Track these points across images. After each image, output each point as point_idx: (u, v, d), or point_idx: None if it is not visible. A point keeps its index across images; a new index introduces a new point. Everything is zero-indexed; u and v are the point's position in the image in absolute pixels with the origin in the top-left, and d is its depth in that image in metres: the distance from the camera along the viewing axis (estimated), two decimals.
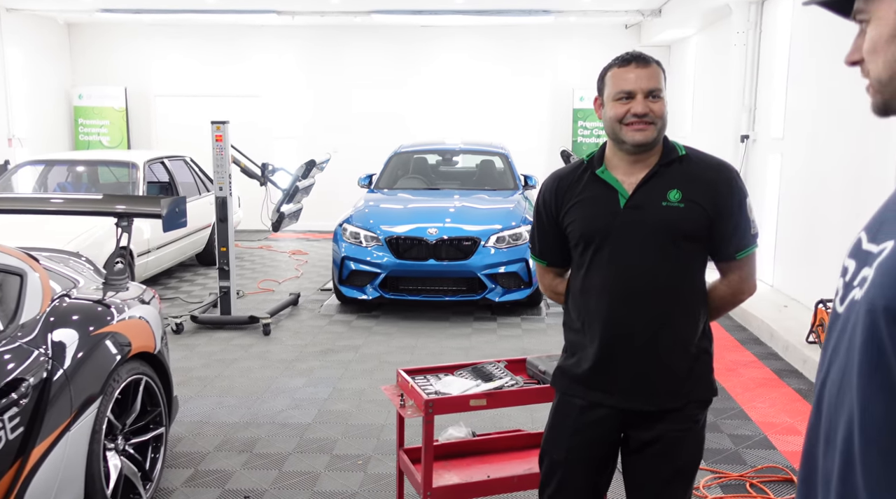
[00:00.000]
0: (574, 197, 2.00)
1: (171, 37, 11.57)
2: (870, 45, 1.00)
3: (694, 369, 1.95)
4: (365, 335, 5.90)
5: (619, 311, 1.92)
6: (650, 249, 1.90)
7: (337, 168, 10.40)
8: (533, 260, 2.19)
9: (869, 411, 0.97)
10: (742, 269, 1.99)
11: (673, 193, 1.91)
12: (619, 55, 1.96)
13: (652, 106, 1.89)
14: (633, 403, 1.94)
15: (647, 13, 10.20)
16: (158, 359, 3.24)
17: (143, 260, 6.88)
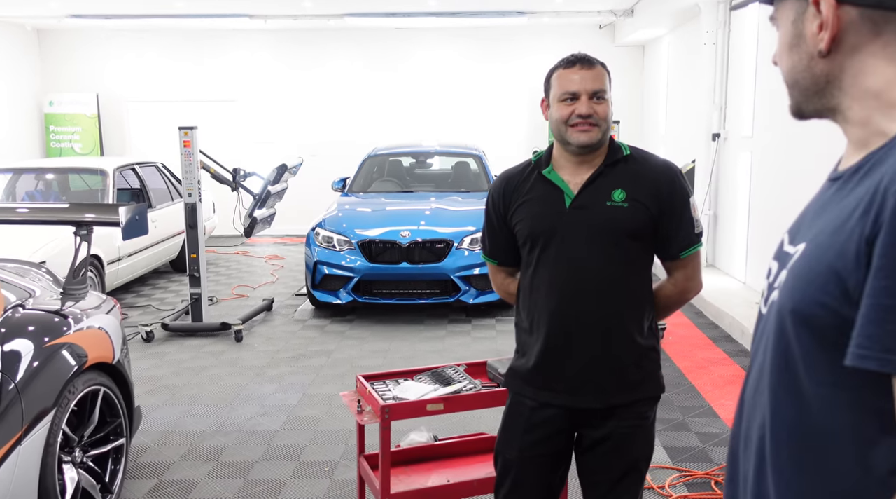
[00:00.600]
0: (521, 197, 2.02)
1: (142, 42, 11.47)
2: (777, 51, 1.02)
3: (641, 367, 1.98)
4: (338, 340, 5.87)
5: (564, 309, 1.94)
6: (595, 248, 1.93)
7: (314, 171, 10.37)
8: (485, 260, 2.21)
9: (779, 414, 0.97)
10: (687, 267, 2.02)
11: (617, 192, 1.93)
12: (564, 57, 1.98)
13: (596, 107, 1.92)
14: (580, 401, 1.96)
15: (619, 13, 10.25)
16: (118, 369, 3.20)
17: (114, 268, 6.81)
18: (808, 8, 0.95)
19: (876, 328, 0.80)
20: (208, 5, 9.81)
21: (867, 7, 0.92)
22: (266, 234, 10.64)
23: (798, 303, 0.91)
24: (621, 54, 11.46)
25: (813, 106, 1.01)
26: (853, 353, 0.82)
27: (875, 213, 0.83)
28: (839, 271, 0.86)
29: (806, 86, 0.99)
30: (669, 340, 5.68)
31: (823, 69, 0.96)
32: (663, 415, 4.19)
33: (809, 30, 0.95)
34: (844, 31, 0.93)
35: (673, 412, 4.24)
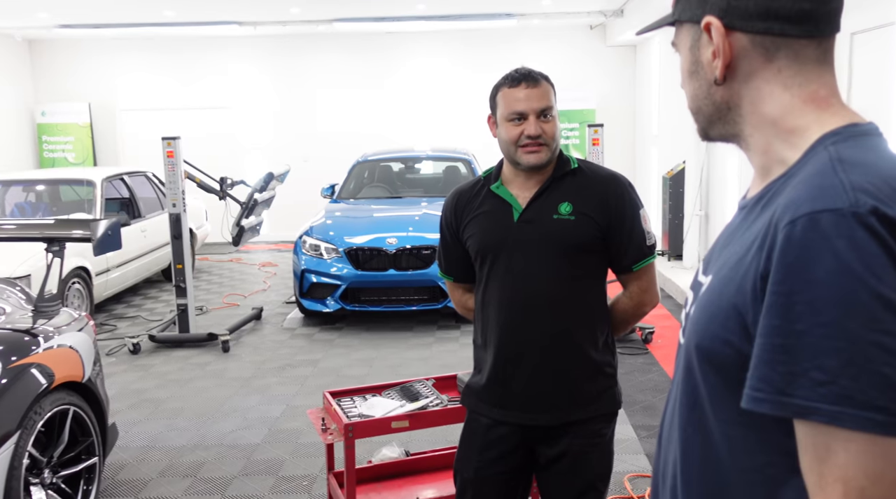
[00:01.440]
0: (472, 212, 2.01)
1: (133, 51, 11.47)
2: (681, 79, 1.00)
3: (595, 383, 1.95)
4: (325, 349, 5.84)
5: (514, 324, 1.92)
6: (543, 262, 1.91)
7: (307, 177, 10.36)
8: (442, 277, 2.19)
9: (688, 452, 0.94)
10: (641, 280, 2.00)
11: (564, 205, 1.92)
12: (508, 73, 1.96)
13: (544, 126, 1.90)
14: (533, 418, 1.94)
15: (609, 14, 10.21)
16: (89, 387, 3.17)
17: (103, 279, 6.79)
18: (702, 35, 0.93)
19: (767, 369, 0.77)
20: (197, 13, 9.80)
21: (756, 34, 0.90)
22: (260, 240, 10.64)
23: (702, 339, 0.88)
24: (613, 55, 11.43)
25: (717, 131, 0.99)
26: (748, 395, 0.79)
27: (768, 247, 0.80)
28: (739, 307, 0.83)
29: (709, 113, 0.97)
30: (658, 343, 5.65)
31: (723, 96, 0.94)
32: (647, 422, 4.16)
33: (705, 57, 0.94)
34: (737, 58, 0.91)
35: (657, 419, 4.20)
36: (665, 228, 8.33)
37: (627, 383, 4.80)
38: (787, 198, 0.81)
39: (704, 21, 0.91)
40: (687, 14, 0.95)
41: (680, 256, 8.00)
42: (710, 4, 0.91)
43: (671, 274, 7.46)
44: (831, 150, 0.84)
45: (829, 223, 0.74)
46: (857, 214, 0.74)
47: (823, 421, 0.74)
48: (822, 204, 0.76)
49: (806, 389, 0.74)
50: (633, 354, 5.38)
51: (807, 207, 0.77)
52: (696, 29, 0.94)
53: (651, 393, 4.62)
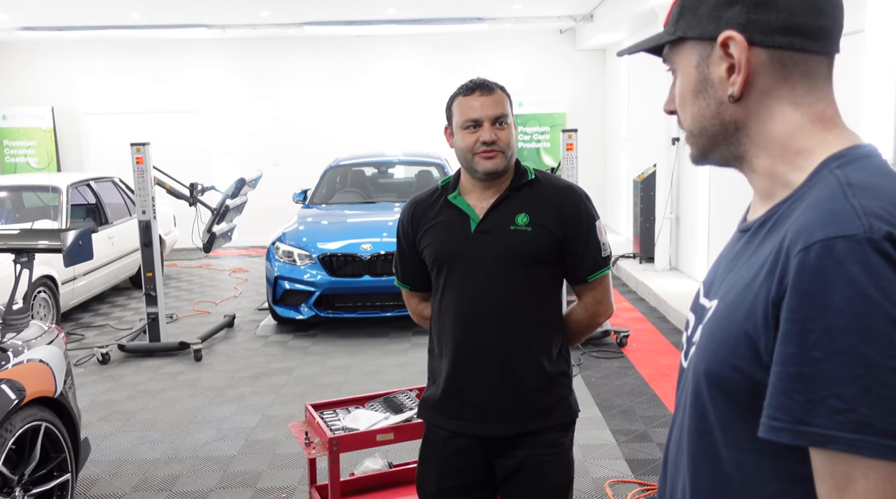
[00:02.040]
0: (429, 222, 2.01)
1: (98, 54, 11.25)
2: (679, 99, 0.97)
3: (550, 393, 1.95)
4: (300, 356, 5.78)
5: (469, 335, 1.92)
6: (500, 273, 1.91)
7: (278, 181, 10.27)
8: (398, 285, 2.17)
9: (699, 480, 0.93)
10: (596, 291, 2.01)
11: (521, 216, 1.93)
12: (463, 83, 1.97)
13: (499, 134, 1.91)
14: (489, 429, 1.94)
15: (578, 18, 10.29)
16: (61, 402, 3.09)
17: (70, 287, 6.64)
18: (712, 51, 0.91)
19: (785, 398, 0.76)
20: (165, 16, 9.65)
21: (777, 49, 0.88)
22: (230, 246, 10.49)
23: (711, 365, 0.87)
24: (583, 59, 11.52)
25: (720, 154, 0.96)
26: (765, 424, 0.78)
27: (780, 273, 0.79)
28: (749, 333, 0.82)
29: (714, 132, 0.94)
30: (633, 346, 5.69)
31: (733, 115, 0.92)
32: (626, 426, 4.19)
33: (716, 74, 0.91)
34: (755, 74, 0.89)
35: (635, 423, 4.23)
36: (636, 231, 8.41)
37: (604, 388, 4.82)
38: (799, 223, 0.80)
39: (724, 35, 0.88)
40: (696, 30, 0.92)
41: (651, 258, 8.08)
42: (725, 20, 0.89)
43: (643, 277, 7.53)
44: (839, 173, 0.83)
45: (844, 249, 0.74)
46: (871, 239, 0.74)
47: (842, 449, 0.73)
48: (835, 230, 0.75)
49: (824, 417, 0.73)
50: (609, 358, 5.42)
51: (820, 233, 0.76)
52: (704, 46, 0.91)
53: (628, 397, 4.64)
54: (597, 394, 4.71)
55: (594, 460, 3.77)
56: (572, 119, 11.08)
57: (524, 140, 11.44)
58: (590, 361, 5.35)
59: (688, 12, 0.92)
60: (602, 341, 5.76)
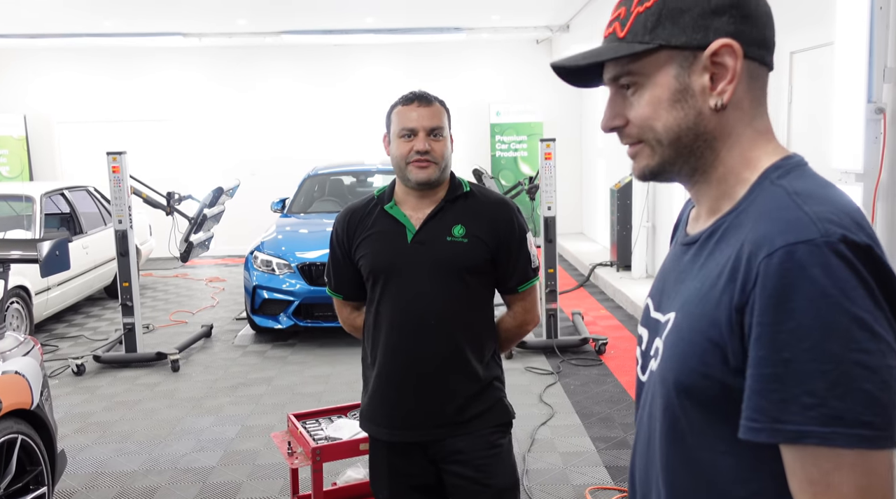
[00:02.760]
0: (364, 231, 2.03)
1: (72, 61, 11.13)
2: (645, 110, 0.94)
3: (483, 399, 1.99)
4: (279, 366, 5.74)
5: (404, 345, 1.96)
6: (436, 283, 1.95)
7: (255, 191, 10.21)
8: (330, 294, 2.18)
9: (676, 487, 0.95)
10: (525, 300, 2.08)
11: (457, 228, 1.97)
12: (403, 94, 2.02)
13: (433, 144, 1.96)
14: (424, 434, 1.97)
15: (555, 29, 10.39)
16: (37, 414, 3.05)
17: (43, 298, 6.54)
18: (695, 61, 0.90)
19: (761, 399, 0.80)
20: (139, 24, 9.58)
21: (755, 61, 0.91)
22: (206, 255, 10.40)
23: (680, 374, 0.89)
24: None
25: (678, 166, 0.95)
26: (744, 426, 0.82)
27: (742, 281, 0.82)
28: (715, 340, 0.85)
29: (687, 143, 0.92)
30: (611, 354, 5.74)
31: (708, 126, 0.91)
32: (605, 433, 4.22)
33: (699, 83, 0.90)
34: (739, 83, 0.91)
35: (615, 430, 4.27)
36: (613, 240, 8.49)
37: (583, 395, 4.86)
38: (757, 233, 0.83)
39: (720, 43, 0.88)
40: (681, 39, 0.90)
41: (628, 266, 8.16)
42: (714, 29, 0.89)
43: (620, 285, 7.60)
44: (783, 184, 0.87)
45: (805, 254, 0.78)
46: (828, 243, 0.78)
47: (816, 443, 0.77)
48: (795, 236, 0.79)
49: (797, 414, 0.77)
50: (588, 366, 5.46)
51: (781, 240, 0.80)
52: (685, 55, 0.90)
53: (607, 404, 4.68)
54: (576, 401, 4.74)
55: (574, 468, 3.79)
56: (549, 128, 11.17)
57: (501, 149, 11.51)
58: (569, 369, 5.38)
59: (667, 21, 0.90)
60: (581, 349, 5.80)
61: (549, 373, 5.29)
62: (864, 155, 3.53)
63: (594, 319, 6.86)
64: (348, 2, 8.42)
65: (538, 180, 6.07)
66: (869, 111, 3.56)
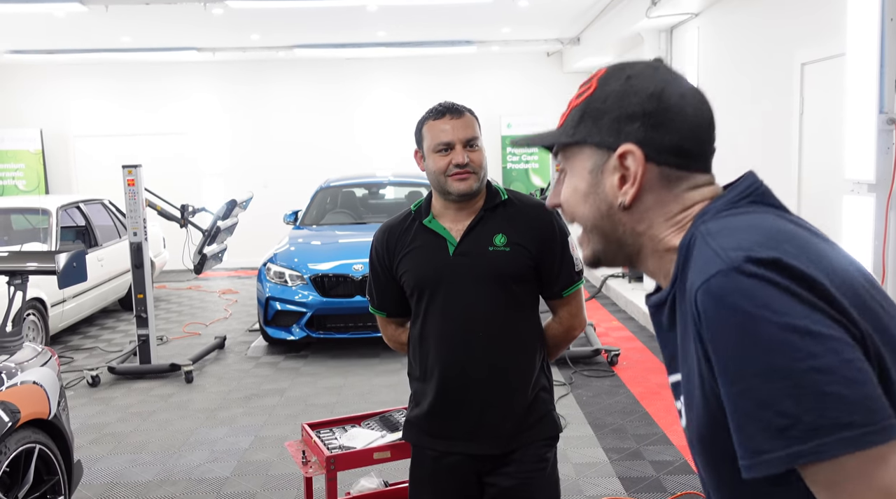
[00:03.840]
0: (405, 247, 2.02)
1: (88, 76, 11.28)
2: (569, 197, 1.01)
3: (534, 410, 1.99)
4: (292, 377, 5.77)
5: (454, 357, 1.95)
6: (482, 294, 1.94)
7: (268, 203, 10.28)
8: (373, 312, 2.18)
9: None
10: (570, 305, 2.07)
11: (499, 237, 1.96)
12: (432, 107, 2.01)
13: (471, 155, 1.95)
14: (477, 447, 1.96)
15: (566, 41, 10.44)
16: (55, 424, 3.08)
17: (59, 310, 6.61)
18: (608, 160, 0.96)
19: (740, 435, 0.79)
20: (155, 39, 9.71)
21: (667, 166, 0.95)
22: (219, 267, 10.45)
23: (701, 428, 0.91)
24: (570, 81, 11.66)
25: (612, 253, 1.01)
26: (742, 466, 0.80)
27: (696, 331, 0.84)
28: (707, 395, 0.86)
29: (607, 232, 0.99)
30: (623, 365, 5.72)
31: (622, 219, 0.97)
32: (618, 444, 4.21)
33: (609, 182, 0.96)
34: (645, 186, 0.95)
35: (627, 441, 4.26)
36: None
37: (595, 407, 4.85)
38: (685, 285, 0.87)
39: (623, 148, 0.94)
40: (595, 138, 0.96)
41: (640, 278, 8.14)
42: (625, 133, 0.94)
43: (632, 296, 7.59)
44: (702, 229, 0.90)
45: (717, 285, 0.80)
46: (734, 267, 0.80)
47: (810, 460, 0.75)
48: (706, 274, 0.82)
49: (777, 439, 0.76)
50: (600, 377, 5.45)
51: (698, 280, 0.83)
52: (601, 154, 0.96)
53: (619, 415, 4.67)
54: (588, 412, 4.73)
55: (587, 479, 3.79)
56: None
57: (513, 161, 11.54)
58: (581, 380, 5.37)
59: (588, 119, 0.97)
60: (593, 360, 5.79)
61: (561, 384, 5.29)
62: (876, 165, 3.53)
63: (606, 330, 6.85)
64: (360, 16, 8.50)
65: (549, 191, 6.09)
66: (880, 122, 3.56)
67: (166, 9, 7.85)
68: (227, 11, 8.03)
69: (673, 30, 7.60)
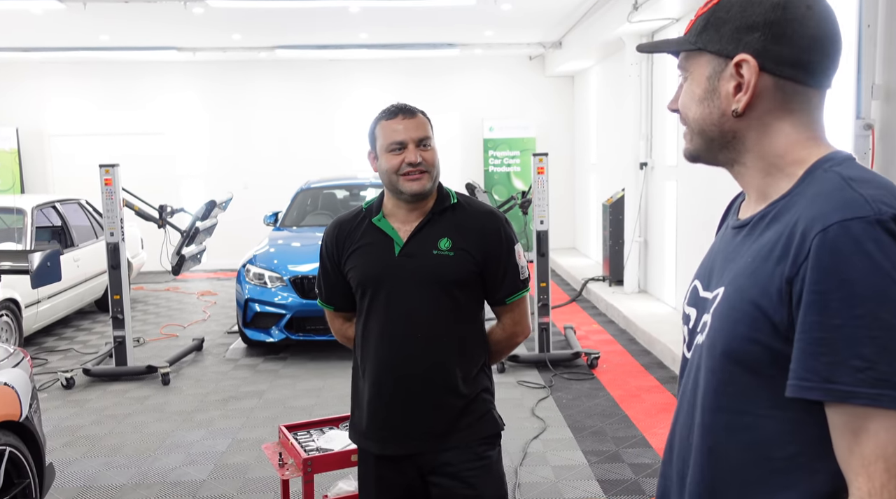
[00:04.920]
0: (353, 244, 2.03)
1: (66, 75, 11.14)
2: (684, 100, 1.06)
3: (472, 411, 1.98)
4: (270, 379, 5.72)
5: (392, 358, 1.95)
6: (424, 296, 1.95)
7: (247, 204, 10.20)
8: (321, 305, 2.18)
9: (717, 449, 0.99)
10: (514, 312, 2.06)
11: (444, 241, 1.97)
12: (385, 108, 2.01)
13: (423, 154, 1.96)
14: (415, 447, 1.96)
15: (548, 45, 10.48)
16: (26, 426, 3.02)
17: (33, 311, 6.51)
18: (726, 68, 1.00)
19: (812, 360, 0.86)
20: (134, 38, 9.61)
21: (783, 78, 0.98)
22: (198, 269, 10.36)
23: (730, 342, 0.96)
24: (551, 85, 11.72)
25: (713, 155, 1.06)
26: (794, 384, 0.87)
27: (794, 255, 0.89)
28: (764, 309, 0.91)
29: (712, 137, 1.04)
30: (603, 368, 5.74)
31: (732, 127, 1.01)
32: (597, 447, 4.21)
33: (724, 89, 1.00)
34: (759, 96, 0.99)
35: (606, 444, 4.26)
36: (606, 255, 8.52)
37: (575, 409, 4.85)
38: (812, 211, 0.90)
39: (739, 57, 0.98)
40: (715, 46, 1.00)
41: (621, 281, 8.18)
42: (744, 43, 0.98)
43: (613, 300, 7.61)
44: (838, 170, 0.94)
45: (859, 229, 0.85)
46: (881, 220, 0.85)
47: (864, 403, 0.83)
48: (850, 213, 0.86)
49: (847, 376, 0.84)
50: (580, 380, 5.45)
51: (837, 216, 0.87)
52: (719, 61, 1.00)
53: (599, 418, 4.68)
54: (568, 415, 4.73)
55: (566, 481, 3.78)
56: (542, 144, 11.23)
57: (494, 164, 11.56)
58: (561, 383, 5.38)
59: (711, 28, 1.01)
60: (573, 363, 5.80)
61: (541, 387, 5.29)
62: None
63: (586, 333, 6.87)
64: (342, 17, 8.47)
65: (531, 195, 6.10)
66: (858, 127, 3.60)
67: (146, 7, 7.77)
68: (207, 10, 7.97)
69: (654, 35, 7.64)
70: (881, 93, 3.68)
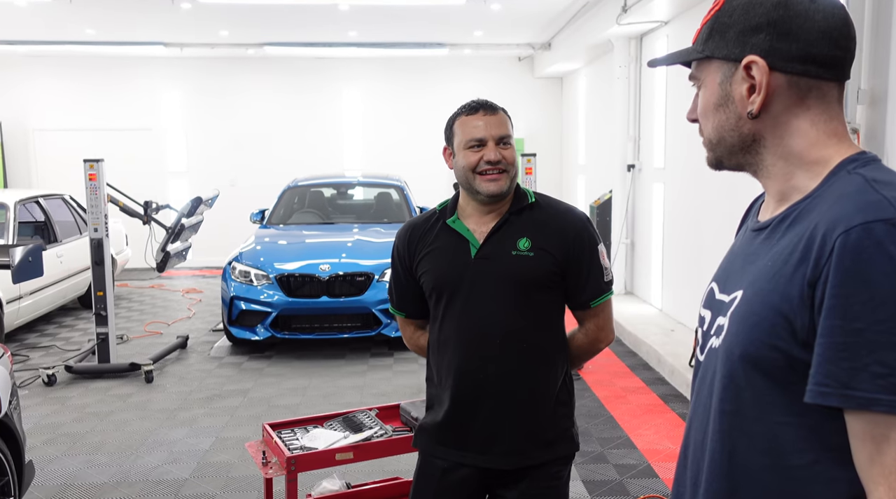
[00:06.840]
0: (426, 247, 1.94)
1: (51, 69, 11.03)
2: (701, 109, 1.06)
3: (554, 425, 1.90)
4: (255, 378, 5.68)
5: (471, 363, 1.85)
6: (502, 299, 1.85)
7: (234, 201, 10.15)
8: (393, 312, 2.10)
9: (736, 459, 0.98)
10: (598, 317, 1.95)
11: (523, 241, 1.87)
12: (465, 103, 1.94)
13: (504, 153, 1.87)
14: (491, 461, 1.87)
15: (537, 47, 10.49)
16: (5, 423, 2.98)
17: (15, 307, 6.43)
18: (736, 71, 1.00)
19: (832, 366, 0.84)
20: (121, 33, 9.53)
21: (795, 75, 0.97)
22: (183, 266, 10.31)
23: (747, 347, 0.94)
24: (540, 86, 11.73)
25: (735, 161, 1.05)
26: (813, 390, 0.85)
27: (815, 257, 0.87)
28: (785, 313, 0.89)
29: (732, 143, 1.03)
30: (589, 369, 5.74)
31: (751, 129, 1.01)
32: (582, 447, 4.21)
33: (738, 92, 1.00)
34: (773, 95, 0.98)
35: (591, 444, 4.26)
36: None
37: None
38: (834, 213, 0.88)
39: (747, 59, 0.98)
40: (722, 51, 1.01)
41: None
42: (751, 45, 0.98)
43: None
44: (862, 172, 0.93)
45: (882, 231, 0.83)
46: None
47: (885, 411, 0.81)
48: (873, 215, 0.85)
49: (868, 382, 0.81)
50: None
51: (859, 218, 0.85)
52: (729, 66, 1.01)
53: (584, 419, 4.68)
54: None
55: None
56: (530, 145, 11.24)
57: None
58: None
59: (716, 34, 1.02)
60: None
61: None
62: None
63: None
64: (331, 15, 8.44)
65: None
66: None
67: (133, 2, 7.71)
68: (195, 6, 7.91)
69: (643, 37, 7.67)
70: (867, 97, 3.71)
